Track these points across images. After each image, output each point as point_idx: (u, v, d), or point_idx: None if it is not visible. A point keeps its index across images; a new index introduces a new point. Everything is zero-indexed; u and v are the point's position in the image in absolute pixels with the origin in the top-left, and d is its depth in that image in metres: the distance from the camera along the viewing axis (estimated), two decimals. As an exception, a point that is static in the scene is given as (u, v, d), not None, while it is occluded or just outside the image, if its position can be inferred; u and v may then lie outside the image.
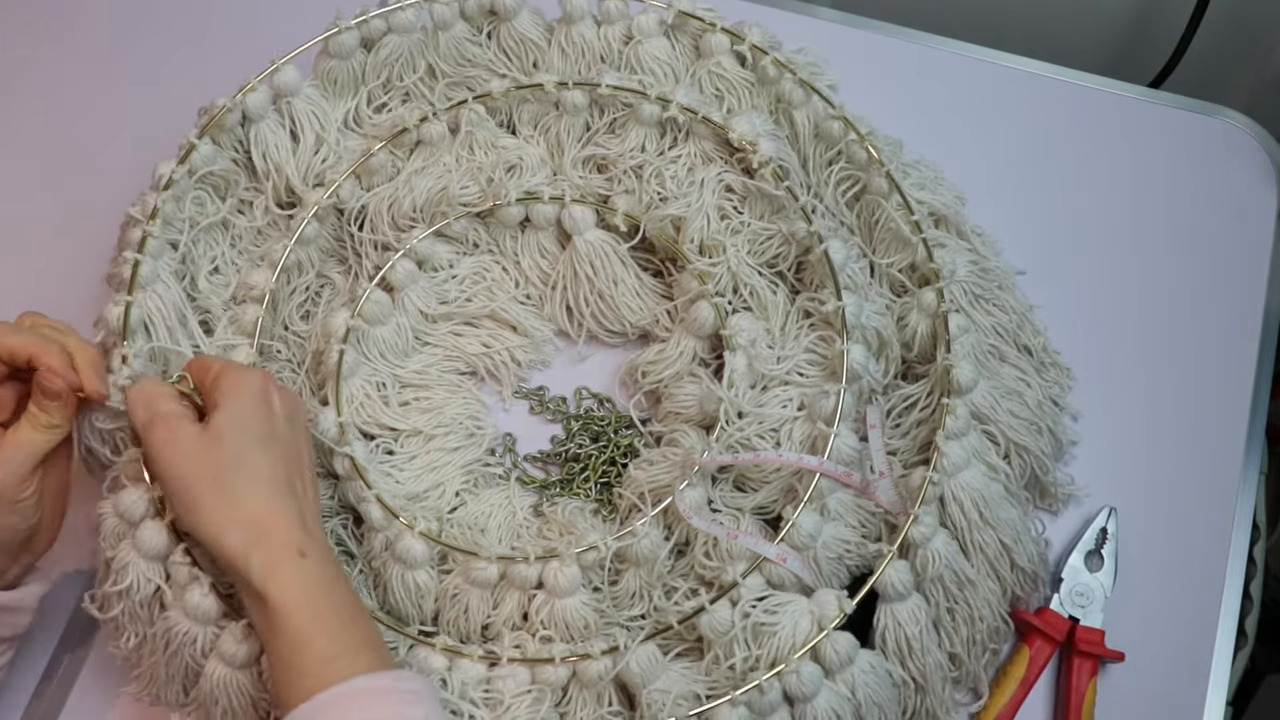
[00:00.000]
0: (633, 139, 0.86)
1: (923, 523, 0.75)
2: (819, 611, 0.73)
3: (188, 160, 0.82)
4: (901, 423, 0.81)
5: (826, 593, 0.74)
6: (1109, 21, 1.22)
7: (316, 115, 0.87)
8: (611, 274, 0.86)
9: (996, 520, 0.77)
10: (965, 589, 0.76)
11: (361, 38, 0.87)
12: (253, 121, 0.85)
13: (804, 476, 0.77)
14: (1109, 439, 0.86)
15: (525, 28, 0.89)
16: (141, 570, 0.73)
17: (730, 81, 0.87)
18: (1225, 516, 0.84)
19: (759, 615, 0.73)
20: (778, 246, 0.84)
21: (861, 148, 0.85)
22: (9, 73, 1.02)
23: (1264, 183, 0.95)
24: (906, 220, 0.83)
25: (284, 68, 0.86)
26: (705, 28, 0.87)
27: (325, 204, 0.85)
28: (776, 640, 0.72)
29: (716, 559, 0.76)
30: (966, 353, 0.80)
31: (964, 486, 0.77)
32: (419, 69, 0.89)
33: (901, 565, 0.74)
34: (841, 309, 0.79)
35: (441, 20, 0.88)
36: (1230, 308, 0.91)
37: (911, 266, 0.84)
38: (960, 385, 0.79)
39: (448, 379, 0.86)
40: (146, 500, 0.73)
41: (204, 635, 0.72)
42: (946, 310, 0.80)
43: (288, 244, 0.84)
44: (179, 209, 0.82)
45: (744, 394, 0.79)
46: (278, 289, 0.84)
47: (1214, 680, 0.80)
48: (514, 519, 0.81)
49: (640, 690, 0.72)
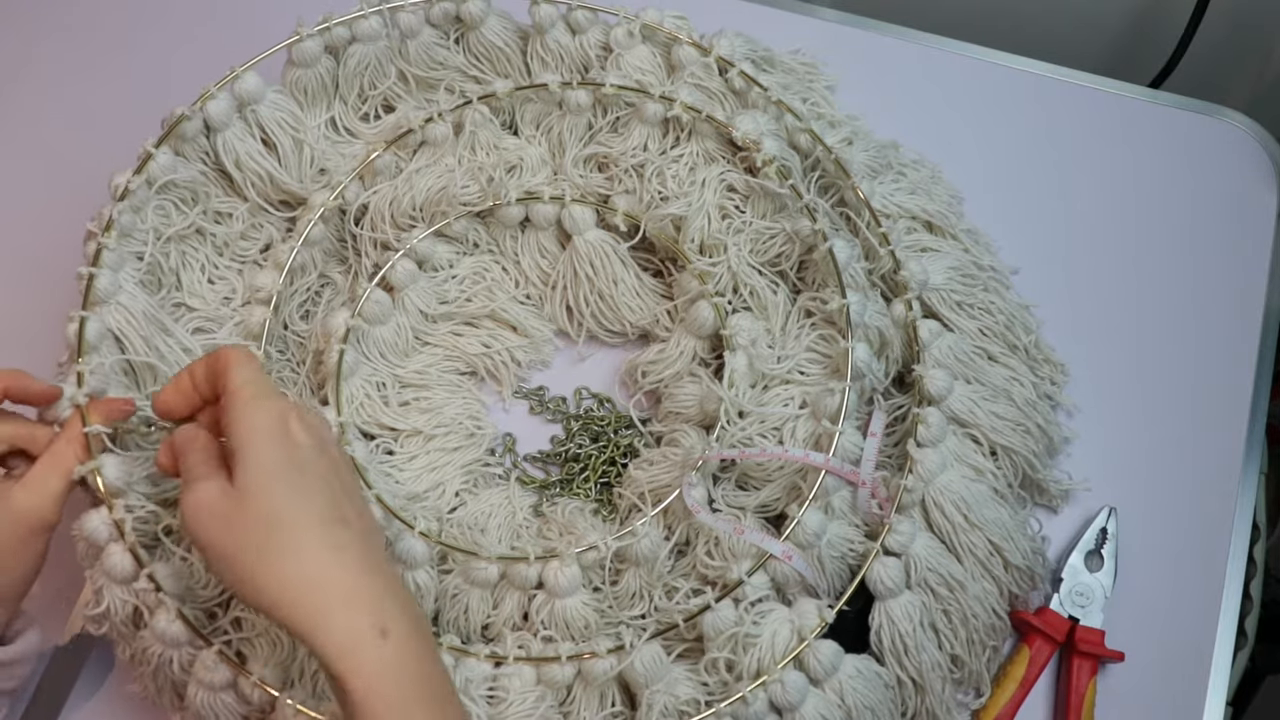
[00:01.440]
0: (635, 138, 0.86)
1: (898, 530, 0.75)
2: (799, 621, 0.73)
3: (145, 170, 0.80)
4: (893, 431, 0.82)
5: (807, 602, 0.74)
6: (1109, 21, 1.22)
7: (288, 121, 0.85)
8: (611, 274, 0.86)
9: (983, 521, 0.77)
10: (955, 590, 0.76)
11: (326, 45, 0.86)
12: (217, 130, 0.83)
13: (808, 475, 0.77)
14: (1109, 439, 0.86)
15: (493, 35, 0.89)
16: (115, 593, 0.72)
17: (709, 90, 0.87)
18: (1225, 516, 0.84)
19: (744, 625, 0.73)
20: (781, 245, 0.84)
21: (829, 161, 0.85)
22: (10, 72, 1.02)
23: (1264, 183, 0.95)
24: (875, 233, 0.83)
25: (245, 75, 0.84)
26: (671, 40, 0.87)
27: (331, 205, 0.85)
28: (758, 650, 0.72)
29: (719, 558, 0.76)
30: (938, 360, 0.80)
31: (943, 490, 0.77)
32: (389, 75, 0.89)
33: (891, 561, 0.75)
34: (845, 307, 0.79)
35: (408, 28, 0.87)
36: (1230, 308, 0.91)
37: (883, 278, 0.84)
38: (931, 394, 0.79)
39: (448, 379, 0.86)
40: (109, 524, 0.72)
41: (179, 656, 0.72)
42: (914, 319, 0.81)
43: (294, 245, 0.84)
44: (139, 220, 0.81)
45: (744, 393, 0.79)
46: (282, 290, 0.83)
47: (1214, 680, 0.80)
48: (514, 519, 0.81)
49: (643, 690, 0.72)
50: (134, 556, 0.72)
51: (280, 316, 0.84)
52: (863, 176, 0.85)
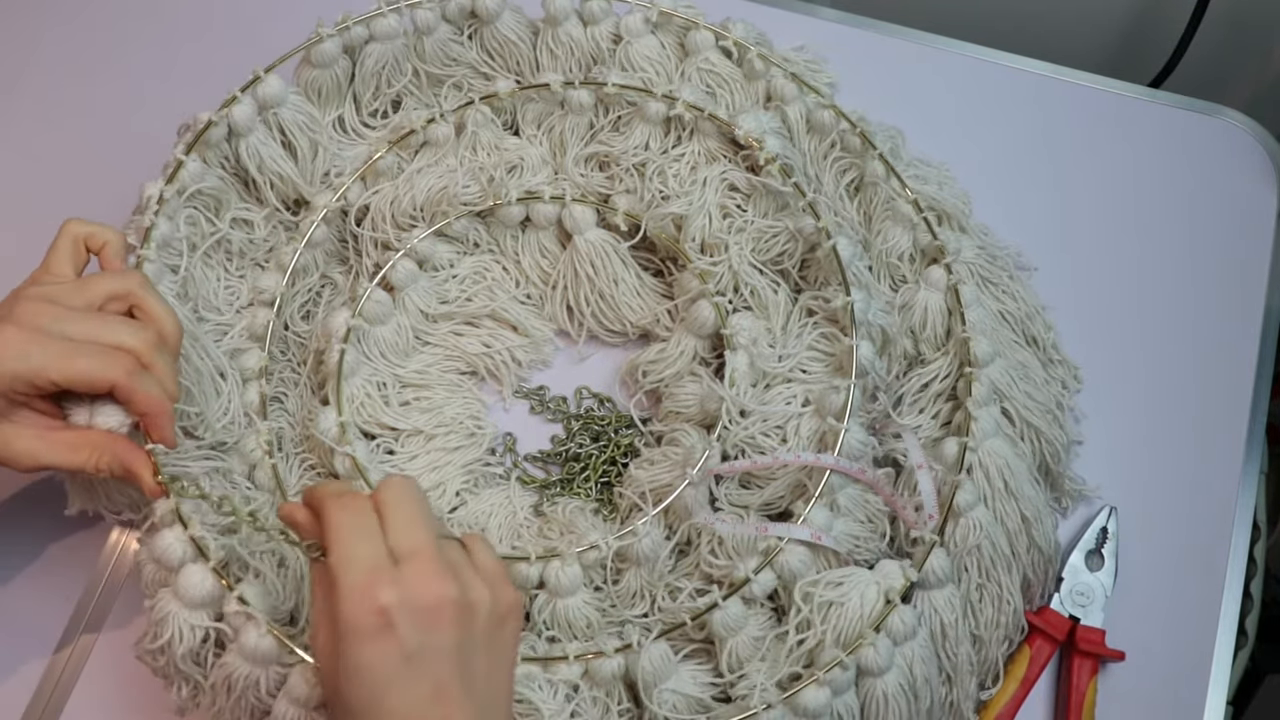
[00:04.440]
0: (637, 136, 0.86)
1: (966, 489, 0.75)
2: (885, 583, 0.72)
3: (176, 178, 0.80)
4: (919, 399, 0.81)
5: (888, 563, 0.73)
6: (1109, 21, 1.22)
7: (307, 124, 0.85)
8: (612, 273, 0.86)
9: (1020, 492, 0.77)
10: (998, 564, 0.76)
11: (343, 45, 0.86)
12: (240, 135, 0.83)
13: (814, 472, 0.77)
14: (1109, 439, 0.86)
15: (507, 29, 0.89)
16: (184, 619, 0.69)
17: (721, 77, 0.88)
18: (1225, 516, 0.84)
19: (822, 591, 0.72)
20: (784, 244, 0.84)
21: (854, 135, 0.85)
22: (12, 72, 1.02)
23: (1264, 183, 0.96)
24: (907, 200, 0.83)
25: (268, 78, 0.83)
26: (689, 24, 0.88)
27: (334, 207, 0.85)
28: (844, 613, 0.71)
29: (724, 556, 0.76)
30: (981, 327, 0.80)
31: (991, 454, 0.77)
32: (405, 73, 0.89)
33: (941, 552, 0.74)
34: (850, 304, 0.80)
35: (425, 25, 0.88)
36: (1230, 308, 0.91)
37: (911, 257, 0.84)
38: (979, 358, 0.79)
39: (448, 378, 0.86)
40: (185, 541, 0.69)
41: (266, 676, 0.68)
42: (955, 282, 0.81)
43: (298, 247, 0.83)
44: (174, 229, 0.80)
45: (746, 392, 0.79)
46: (285, 292, 0.83)
47: (1214, 680, 0.80)
48: (514, 518, 0.81)
49: (650, 689, 0.72)
50: (218, 577, 0.68)
51: (282, 318, 0.84)
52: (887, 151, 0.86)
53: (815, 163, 0.88)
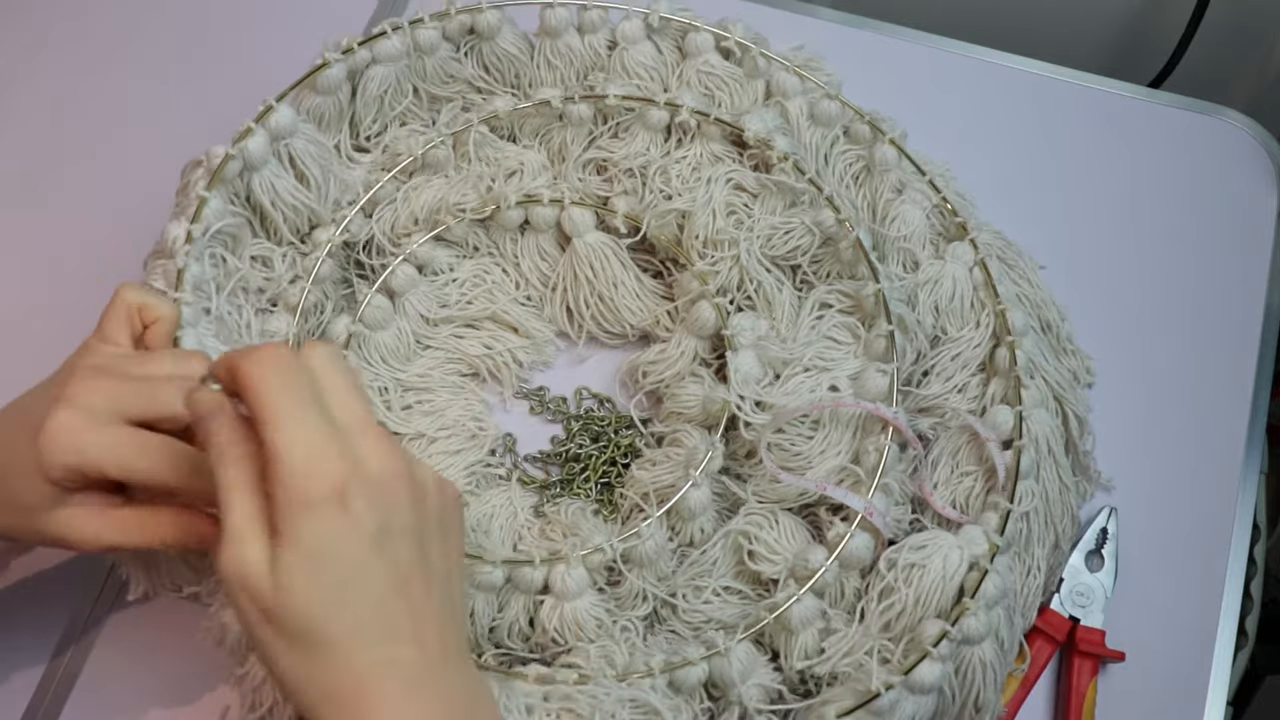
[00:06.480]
0: (638, 143, 0.86)
1: (1027, 454, 0.75)
2: (968, 548, 0.71)
3: (201, 216, 0.76)
4: (949, 370, 0.81)
5: (972, 529, 0.72)
6: (1109, 21, 1.22)
7: (318, 153, 0.84)
8: (611, 276, 0.86)
9: (1060, 460, 0.78)
10: (1034, 535, 0.76)
11: (348, 70, 0.86)
12: (254, 169, 0.80)
13: (846, 466, 0.76)
14: (1109, 438, 0.86)
15: (507, 44, 0.89)
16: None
17: (720, 78, 0.88)
18: (1225, 516, 0.84)
19: (906, 555, 0.71)
20: (798, 239, 0.84)
21: (863, 123, 0.86)
22: (12, 72, 1.02)
23: (1264, 183, 0.96)
24: (922, 180, 0.84)
25: (280, 107, 0.81)
26: (688, 27, 0.88)
27: (338, 241, 0.84)
28: (927, 577, 0.70)
29: (767, 552, 0.75)
30: (1010, 299, 0.81)
31: (1038, 423, 0.77)
32: (407, 94, 0.89)
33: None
34: (880, 291, 0.80)
35: (427, 44, 0.87)
36: (1230, 308, 0.91)
37: (926, 239, 0.84)
38: (1016, 327, 0.79)
39: (450, 380, 0.86)
40: None
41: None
42: (983, 257, 0.82)
43: (304, 286, 0.82)
44: (202, 270, 0.76)
45: (754, 387, 0.79)
46: (298, 333, 0.82)
47: (1214, 680, 0.80)
48: (515, 520, 0.81)
49: (735, 687, 0.71)
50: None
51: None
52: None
53: (819, 155, 0.88)
